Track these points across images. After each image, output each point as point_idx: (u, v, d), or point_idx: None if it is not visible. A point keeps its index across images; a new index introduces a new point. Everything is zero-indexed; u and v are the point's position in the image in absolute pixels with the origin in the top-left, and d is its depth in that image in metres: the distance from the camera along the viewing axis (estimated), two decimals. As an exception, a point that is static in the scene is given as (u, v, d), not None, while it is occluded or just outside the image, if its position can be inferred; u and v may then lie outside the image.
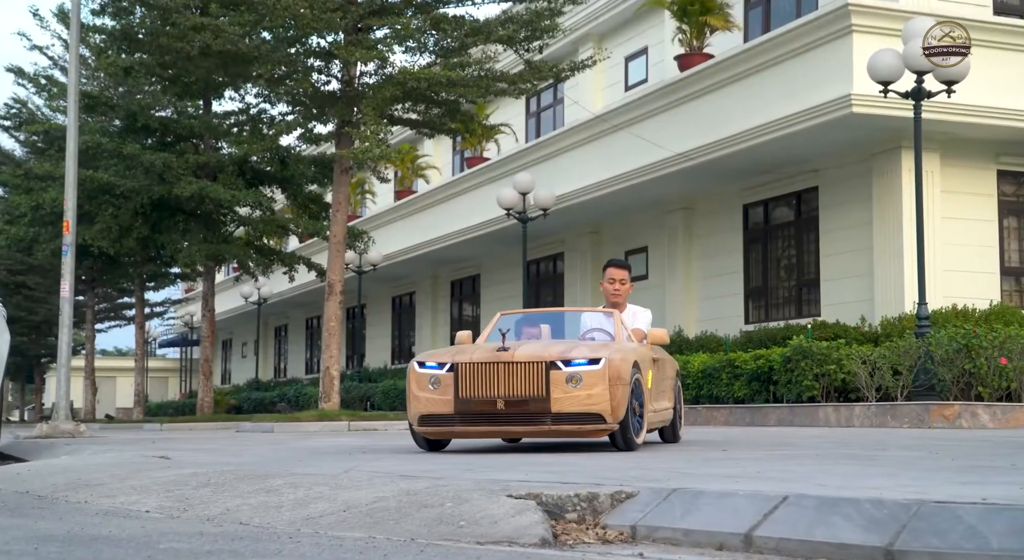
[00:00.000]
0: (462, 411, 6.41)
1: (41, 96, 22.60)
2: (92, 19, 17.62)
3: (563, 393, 6.22)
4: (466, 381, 6.36)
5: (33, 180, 20.92)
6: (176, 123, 19.64)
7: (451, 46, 15.17)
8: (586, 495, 3.73)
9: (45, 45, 21.66)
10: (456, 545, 3.19)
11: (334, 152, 16.59)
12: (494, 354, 6.38)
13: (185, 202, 18.85)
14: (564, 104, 22.54)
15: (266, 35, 15.42)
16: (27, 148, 25.71)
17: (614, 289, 7.81)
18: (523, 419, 6.33)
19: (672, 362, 8.20)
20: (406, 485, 4.17)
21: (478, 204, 21.40)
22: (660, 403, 7.41)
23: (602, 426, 6.33)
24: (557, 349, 6.46)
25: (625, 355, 6.52)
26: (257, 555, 2.82)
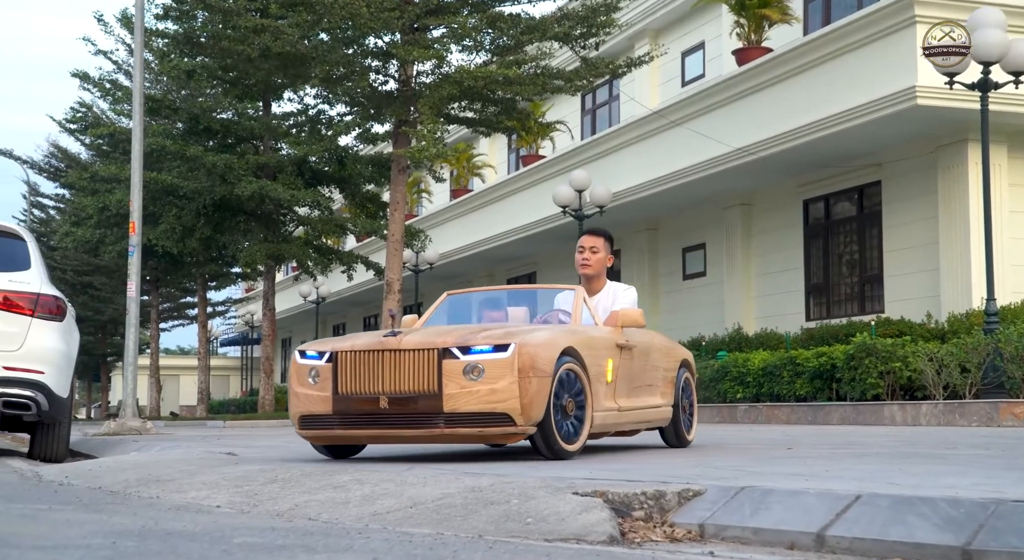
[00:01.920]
0: (341, 411, 5.27)
1: (106, 100, 23.00)
2: (155, 23, 17.91)
3: (459, 388, 5.05)
4: (346, 374, 5.23)
5: (99, 182, 21.32)
6: (237, 125, 19.90)
7: (507, 44, 15.18)
8: (653, 493, 3.72)
9: (109, 50, 22.11)
10: (524, 542, 3.19)
11: (391, 151, 16.70)
12: (379, 341, 5.26)
13: (246, 202, 19.09)
14: (620, 101, 22.45)
15: (324, 36, 15.55)
16: (93, 151, 26.21)
17: (583, 259, 6.55)
18: (410, 421, 5.16)
19: (668, 350, 6.85)
20: (471, 482, 4.18)
21: (534, 202, 21.39)
22: (640, 399, 6.24)
23: (510, 429, 5.10)
24: (457, 333, 5.32)
25: (549, 339, 5.33)
26: (329, 550, 2.84)
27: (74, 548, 2.63)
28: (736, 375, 14.28)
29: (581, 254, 6.57)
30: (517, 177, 22.88)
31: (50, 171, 29.61)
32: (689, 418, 7.04)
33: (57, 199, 32.39)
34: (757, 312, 18.13)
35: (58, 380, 7.41)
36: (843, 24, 14.42)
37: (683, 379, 6.94)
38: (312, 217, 20.88)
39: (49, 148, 29.65)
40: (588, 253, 6.57)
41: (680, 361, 6.93)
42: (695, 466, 4.96)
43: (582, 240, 6.64)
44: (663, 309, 20.77)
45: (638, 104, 20.31)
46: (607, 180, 18.41)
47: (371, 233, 20.74)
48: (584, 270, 6.56)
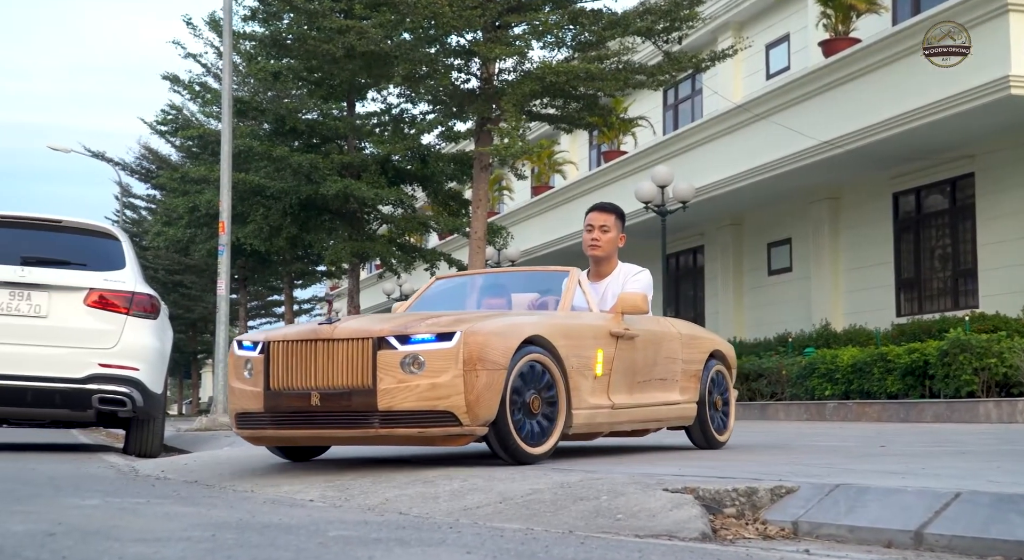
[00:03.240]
0: (272, 408, 4.71)
1: (195, 102, 23.49)
2: (242, 26, 18.24)
3: (396, 382, 4.45)
4: (278, 367, 4.68)
5: (189, 183, 21.78)
6: (322, 125, 20.16)
7: (589, 40, 15.12)
8: (744, 490, 3.68)
9: (198, 53, 22.55)
10: (615, 538, 3.19)
11: (473, 149, 16.77)
12: (313, 330, 4.70)
13: (331, 201, 19.33)
14: (703, 95, 22.23)
15: (406, 35, 15.68)
16: (182, 153, 26.79)
17: (592, 239, 5.84)
18: (343, 420, 4.58)
19: (692, 339, 6.11)
20: (559, 477, 4.18)
21: (616, 198, 21.20)
22: (648, 395, 5.62)
23: (454, 429, 4.49)
24: (398, 321, 4.73)
25: (507, 326, 4.70)
26: (422, 543, 2.87)
27: (175, 541, 2.69)
28: (824, 372, 14.05)
29: (590, 233, 5.88)
30: (598, 173, 22.81)
31: (141, 172, 30.32)
32: (723, 417, 6.33)
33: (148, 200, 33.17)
34: (846, 308, 17.81)
35: (152, 377, 7.59)
36: (934, 13, 14.08)
37: (713, 372, 6.22)
38: (395, 215, 21.07)
39: (140, 150, 30.37)
40: (598, 232, 5.88)
41: (709, 352, 6.21)
42: (786, 463, 4.89)
43: (590, 217, 5.93)
44: (747, 305, 20.52)
45: (722, 98, 20.09)
46: (690, 175, 18.25)
47: (453, 231, 20.85)
48: (593, 251, 5.87)
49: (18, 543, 2.51)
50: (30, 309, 7.36)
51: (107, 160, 29.74)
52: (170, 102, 25.12)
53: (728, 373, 6.43)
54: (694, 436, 6.19)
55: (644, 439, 6.87)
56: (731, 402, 6.47)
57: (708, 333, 6.55)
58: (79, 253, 7.88)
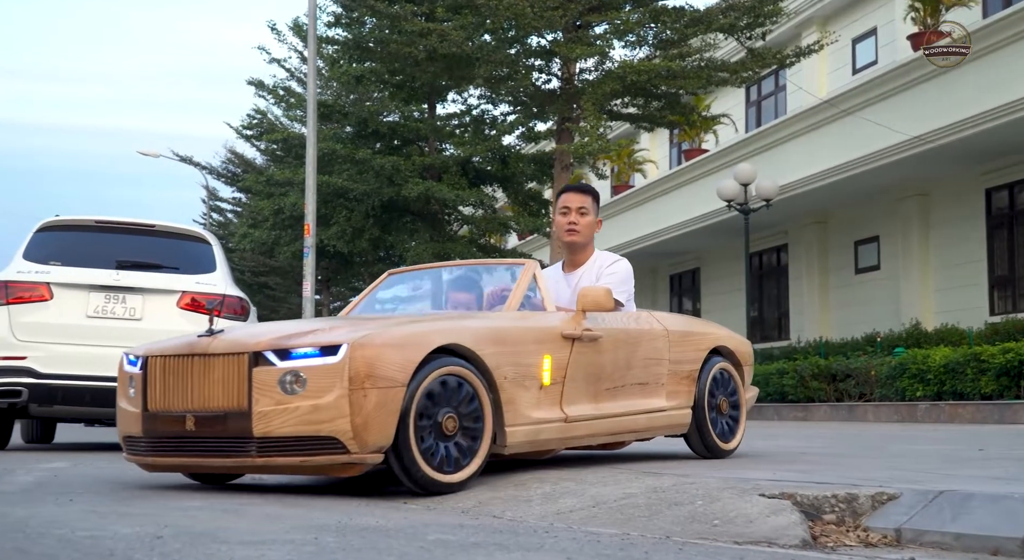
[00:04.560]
0: (149, 431, 4.17)
1: (280, 106, 23.87)
2: (325, 31, 18.49)
3: (274, 404, 3.87)
4: (155, 385, 4.14)
5: (274, 186, 22.14)
6: (403, 127, 20.34)
7: (670, 38, 15.02)
8: (844, 496, 3.61)
9: (282, 58, 22.88)
10: (714, 544, 3.15)
11: (554, 149, 16.77)
12: (190, 343, 4.15)
13: (412, 203, 19.49)
14: (787, 91, 21.92)
15: (487, 37, 15.74)
16: (267, 156, 27.24)
17: (569, 223, 5.24)
18: (218, 447, 4.00)
19: (685, 335, 5.42)
20: (652, 482, 4.15)
21: (697, 196, 21.12)
22: (620, 403, 4.99)
23: (341, 458, 3.89)
24: (280, 331, 4.14)
25: (409, 334, 4.09)
26: (521, 548, 2.86)
27: (280, 543, 2.72)
28: (915, 372, 13.75)
29: (566, 217, 5.26)
30: (679, 172, 22.63)
31: (228, 176, 30.89)
32: (730, 421, 5.61)
33: (234, 203, 33.80)
34: (936, 307, 17.40)
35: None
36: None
37: (715, 372, 5.53)
38: (476, 216, 21.16)
39: (226, 154, 30.96)
40: (575, 215, 5.26)
41: (709, 349, 5.53)
42: (883, 468, 4.79)
43: (565, 198, 5.31)
44: (833, 305, 20.18)
45: (807, 94, 19.78)
46: (773, 173, 18.01)
47: (533, 231, 20.88)
48: (571, 237, 5.27)
49: (128, 546, 2.56)
50: (125, 312, 7.55)
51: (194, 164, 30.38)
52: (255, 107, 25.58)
53: (737, 372, 5.71)
54: (693, 444, 5.51)
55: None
56: (741, 405, 5.72)
57: (710, 327, 5.83)
58: (172, 257, 8.05)
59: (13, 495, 4.02)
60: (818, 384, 15.12)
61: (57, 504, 3.57)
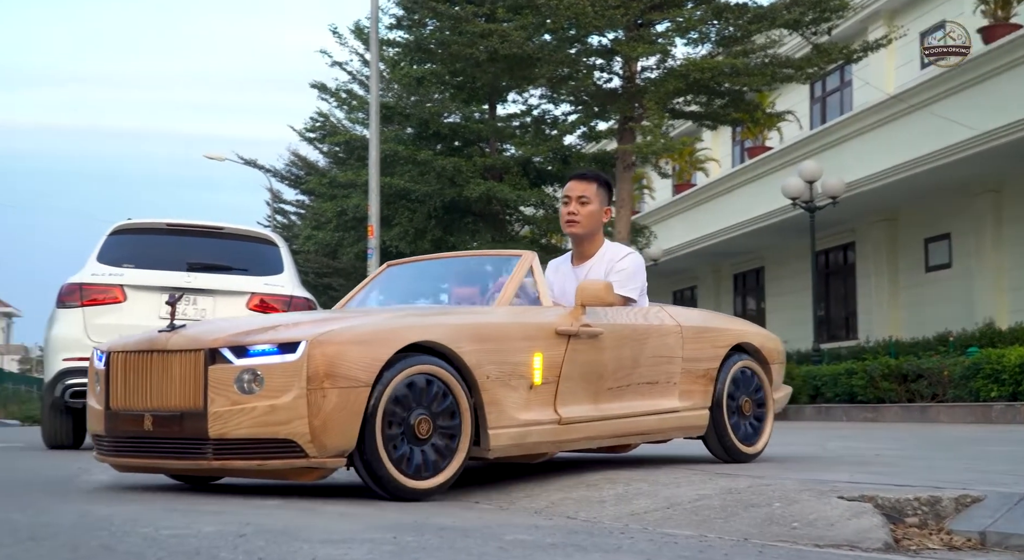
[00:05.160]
0: (111, 431, 4.03)
1: (342, 109, 24.05)
2: (387, 33, 18.61)
3: (230, 404, 3.70)
4: (117, 382, 4.00)
5: (337, 188, 22.31)
6: (464, 128, 20.39)
7: (733, 34, 14.88)
8: (927, 498, 3.54)
9: (344, 61, 23.06)
10: (794, 547, 3.10)
11: (615, 148, 16.70)
12: (150, 339, 4.00)
13: (474, 203, 19.53)
14: (852, 86, 21.60)
15: (548, 37, 15.73)
16: (329, 158, 27.47)
17: (568, 213, 4.94)
18: (175, 448, 3.84)
19: (701, 332, 5.13)
20: (726, 483, 4.10)
21: (761, 195, 20.90)
22: (625, 403, 4.72)
23: (299, 462, 3.70)
24: (238, 326, 3.96)
25: (376, 330, 3.88)
26: (599, 549, 2.84)
27: (359, 542, 2.73)
28: (990, 372, 13.45)
29: (566, 206, 4.96)
30: (743, 170, 22.42)
31: (291, 178, 31.18)
32: (754, 423, 5.28)
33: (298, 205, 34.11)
34: (1012, 305, 17.02)
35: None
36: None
37: (736, 370, 5.20)
38: (537, 216, 21.15)
39: (290, 157, 31.25)
40: (575, 205, 4.95)
41: (730, 346, 5.21)
42: (964, 470, 4.70)
43: (567, 187, 5.00)
44: (903, 304, 19.84)
45: (874, 89, 19.47)
46: (840, 170, 17.75)
47: (596, 231, 20.81)
48: (571, 228, 4.96)
49: (212, 544, 2.59)
50: (196, 313, 7.65)
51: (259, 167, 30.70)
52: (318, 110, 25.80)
53: (763, 370, 5.37)
54: (711, 447, 5.21)
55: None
56: (768, 406, 5.37)
57: (731, 322, 5.55)
58: (241, 259, 8.15)
59: (93, 494, 4.09)
60: (889, 385, 14.86)
61: (137, 502, 3.62)
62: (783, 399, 5.62)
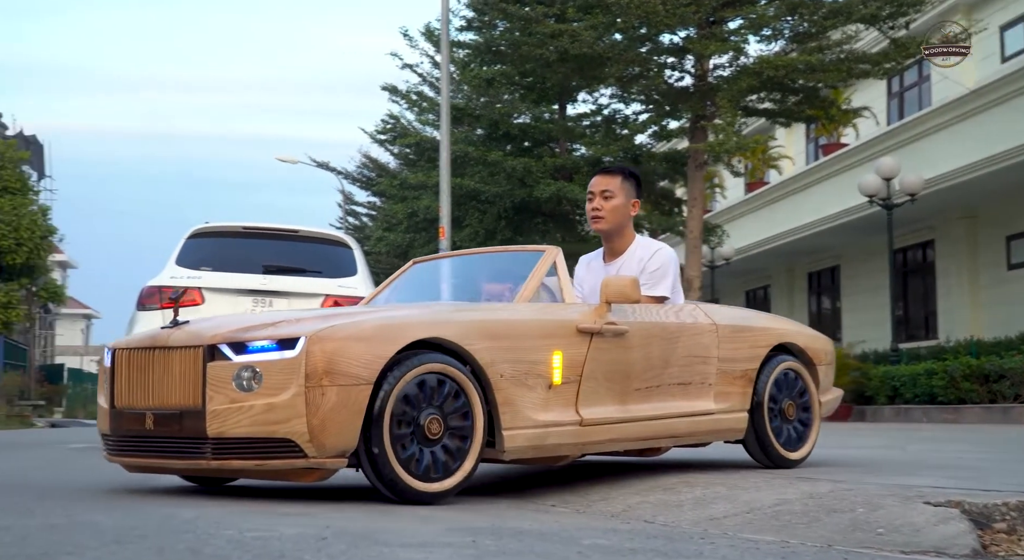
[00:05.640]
0: (115, 430, 4.01)
1: (412, 111, 24.20)
2: (457, 35, 18.68)
3: (228, 402, 3.63)
4: (121, 381, 3.97)
5: (407, 189, 22.47)
6: (534, 128, 20.39)
7: (808, 30, 14.66)
8: (1016, 504, 3.45)
9: (414, 63, 23.22)
10: (879, 553, 3.04)
11: (687, 147, 16.56)
12: (152, 336, 3.98)
13: (544, 204, 19.52)
14: (931, 81, 21.15)
15: (618, 36, 15.65)
16: (400, 160, 27.67)
17: (592, 209, 4.80)
18: (175, 447, 3.78)
19: (738, 331, 4.93)
20: (808, 487, 4.04)
21: (836, 192, 20.56)
22: (654, 404, 4.54)
23: (298, 462, 3.61)
24: (239, 323, 3.87)
25: (380, 326, 3.78)
26: (679, 555, 2.81)
27: (439, 546, 2.74)
28: (1076, 373, 13.09)
29: (590, 202, 4.81)
30: (817, 167, 22.08)
31: (363, 180, 31.45)
32: (798, 427, 5.08)
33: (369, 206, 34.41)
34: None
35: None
36: None
37: (779, 372, 5.01)
38: (607, 216, 21.05)
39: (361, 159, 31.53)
40: (599, 200, 4.78)
41: (771, 346, 5.01)
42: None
43: (591, 182, 4.85)
44: (984, 303, 19.37)
45: (953, 84, 19.04)
46: (918, 166, 17.39)
47: (666, 230, 20.67)
48: (596, 224, 4.81)
49: (295, 547, 2.61)
50: (273, 315, 7.74)
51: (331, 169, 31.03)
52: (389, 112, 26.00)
53: (809, 372, 5.18)
54: (751, 451, 5.02)
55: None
56: (814, 409, 5.17)
57: (774, 321, 5.34)
58: (315, 261, 8.23)
59: (176, 495, 4.15)
60: (970, 385, 14.52)
61: (219, 504, 3.66)
62: (832, 402, 5.42)
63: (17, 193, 23.32)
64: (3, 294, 22.41)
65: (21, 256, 22.66)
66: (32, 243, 22.89)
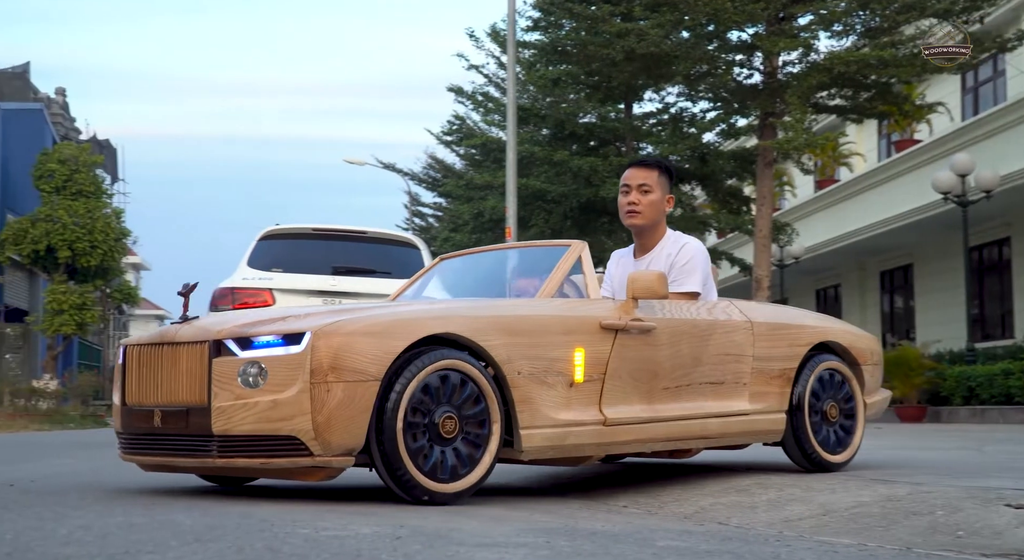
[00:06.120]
0: (126, 428, 4.00)
1: (478, 112, 24.28)
2: (523, 35, 18.69)
3: (233, 399, 3.56)
4: (131, 378, 3.93)
5: (473, 190, 22.55)
6: (600, 128, 20.32)
7: (880, 25, 14.40)
8: (1102, 508, 3.36)
9: (480, 64, 23.29)
10: (959, 556, 2.99)
11: (755, 144, 16.38)
12: (161, 333, 3.95)
13: (610, 203, 19.42)
14: (1006, 76, 20.67)
15: (686, 34, 15.54)
16: (466, 161, 27.80)
17: (628, 203, 4.65)
18: (181, 445, 3.73)
19: (775, 329, 4.77)
20: (885, 490, 3.98)
21: (909, 189, 20.19)
22: (683, 403, 4.39)
23: (304, 460, 3.53)
24: (246, 318, 3.84)
25: (385, 322, 3.68)
26: (756, 557, 2.79)
27: (514, 546, 2.74)
28: None
29: (626, 196, 4.66)
30: (889, 164, 21.70)
31: (428, 181, 31.63)
32: (841, 430, 4.90)
33: (435, 207, 34.60)
34: None
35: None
36: None
37: (820, 372, 4.85)
38: (674, 215, 20.92)
39: (427, 160, 31.72)
40: (636, 194, 4.65)
41: (812, 345, 4.85)
42: None
43: (626, 175, 4.71)
44: (1063, 301, 18.89)
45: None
46: (994, 162, 17.00)
47: (734, 229, 20.47)
48: (632, 219, 4.66)
49: (371, 546, 2.63)
50: (343, 316, 7.82)
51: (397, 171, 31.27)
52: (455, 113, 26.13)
53: (853, 372, 5.00)
54: (791, 453, 4.85)
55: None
56: (858, 411, 4.98)
57: (815, 319, 5.16)
58: (383, 262, 8.31)
59: (253, 493, 4.21)
60: (1049, 386, 14.18)
61: (293, 503, 3.70)
62: (879, 404, 5.23)
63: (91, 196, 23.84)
64: (78, 296, 22.94)
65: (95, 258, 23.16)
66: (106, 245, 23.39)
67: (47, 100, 33.29)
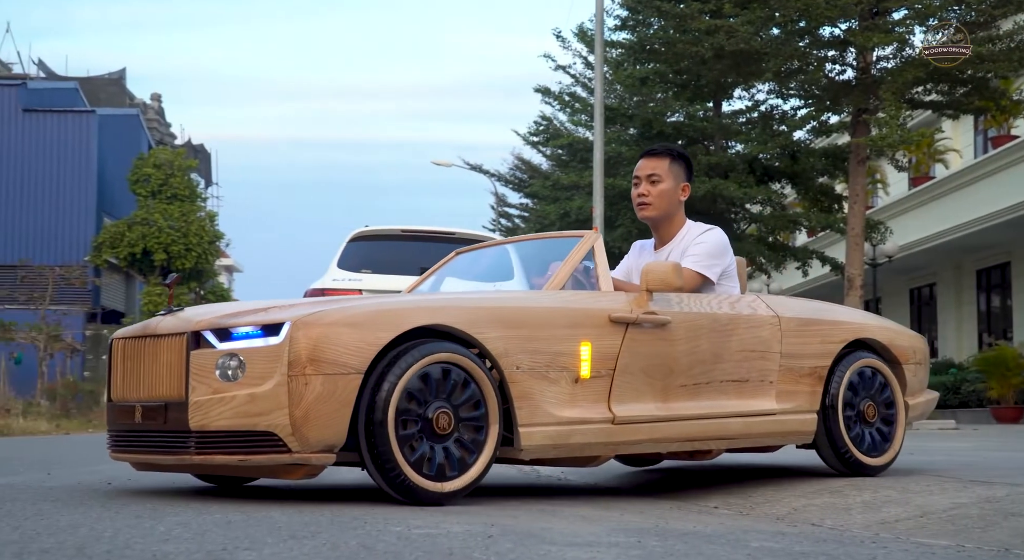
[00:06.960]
0: (112, 423, 3.87)
1: (565, 112, 24.28)
2: (610, 35, 18.65)
3: (211, 392, 3.42)
4: (116, 372, 3.80)
5: (560, 190, 22.54)
6: (688, 127, 20.15)
7: (977, 19, 14.03)
8: None
9: (567, 64, 23.29)
10: (1061, 561, 2.90)
11: (848, 142, 16.09)
12: (146, 324, 3.81)
13: (698, 202, 19.24)
14: (1111, 68, 19.96)
15: (776, 31, 15.33)
16: (552, 161, 27.82)
17: (638, 195, 4.47)
18: (160, 441, 3.59)
19: (806, 324, 4.52)
20: (983, 491, 3.89)
21: (1007, 186, 19.62)
22: (702, 402, 4.17)
23: (282, 457, 3.38)
24: (227, 309, 3.71)
25: (369, 313, 3.53)
26: (851, 559, 2.74)
27: (605, 546, 2.74)
28: None
29: (636, 188, 4.48)
30: (987, 160, 21.12)
31: (515, 182, 31.72)
32: (879, 432, 4.63)
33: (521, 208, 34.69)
34: None
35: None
36: None
37: (855, 370, 4.59)
38: (764, 214, 20.63)
39: (514, 161, 31.82)
40: (645, 185, 4.44)
41: (846, 341, 4.60)
42: None
43: (637, 166, 4.51)
44: None
45: None
46: (1098, 157, 16.45)
47: (826, 227, 20.11)
48: (643, 211, 4.47)
49: (463, 544, 2.65)
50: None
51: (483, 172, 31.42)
52: (541, 113, 26.15)
53: (893, 371, 4.72)
54: (824, 456, 4.60)
55: None
56: (898, 412, 4.70)
57: (850, 314, 4.92)
58: (472, 263, 8.35)
59: (342, 491, 4.28)
60: None
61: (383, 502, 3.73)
62: (925, 405, 4.94)
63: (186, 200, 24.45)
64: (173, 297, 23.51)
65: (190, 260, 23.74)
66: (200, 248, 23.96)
67: (143, 105, 34.22)
